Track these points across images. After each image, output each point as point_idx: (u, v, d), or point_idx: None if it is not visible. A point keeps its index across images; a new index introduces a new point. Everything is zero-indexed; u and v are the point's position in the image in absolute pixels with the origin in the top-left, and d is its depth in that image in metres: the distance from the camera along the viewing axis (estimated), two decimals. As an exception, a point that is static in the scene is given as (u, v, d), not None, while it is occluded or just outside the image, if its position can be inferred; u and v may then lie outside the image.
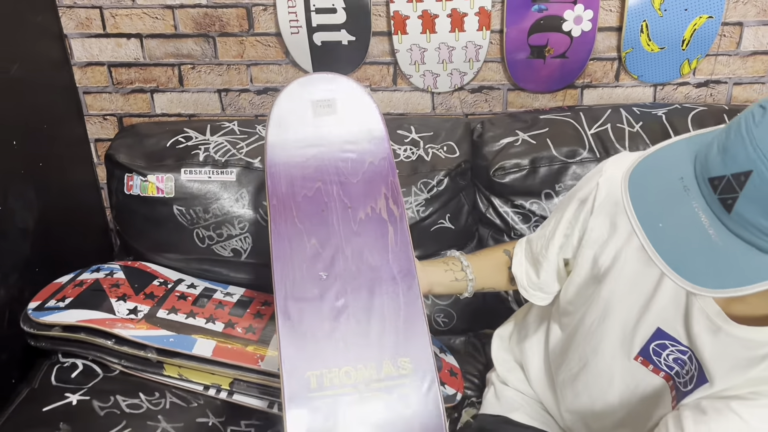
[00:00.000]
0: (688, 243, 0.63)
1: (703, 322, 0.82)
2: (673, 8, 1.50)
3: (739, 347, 0.79)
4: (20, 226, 1.45)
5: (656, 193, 0.66)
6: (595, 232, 0.92)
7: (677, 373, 0.88)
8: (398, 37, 1.56)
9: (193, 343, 1.21)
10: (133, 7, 1.59)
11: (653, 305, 0.87)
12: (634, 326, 0.90)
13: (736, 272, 0.61)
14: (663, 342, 0.88)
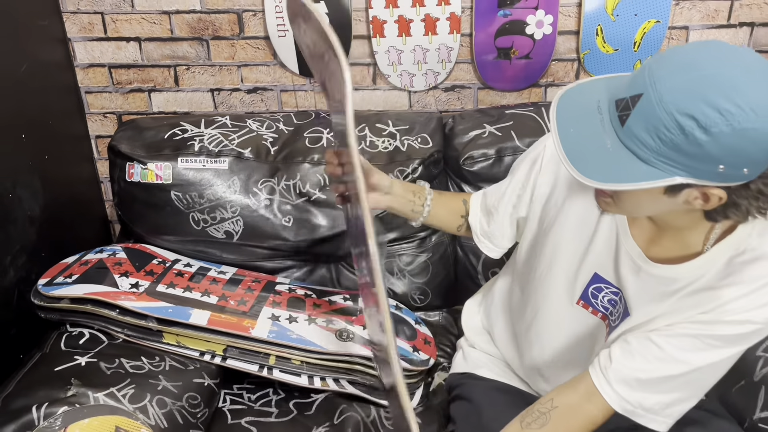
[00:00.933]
0: (588, 147, 0.80)
1: (628, 264, 0.97)
2: (624, 13, 1.65)
3: (656, 283, 0.93)
4: (28, 213, 1.56)
5: (576, 110, 0.82)
6: (542, 188, 1.07)
7: (611, 312, 1.03)
8: (377, 40, 1.70)
9: (189, 314, 1.33)
10: (132, 12, 1.73)
11: (590, 252, 1.02)
12: (576, 272, 1.05)
13: (618, 173, 0.78)
14: (599, 285, 1.03)
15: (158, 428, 1.14)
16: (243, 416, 1.31)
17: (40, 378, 1.19)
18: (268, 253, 1.56)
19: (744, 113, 0.71)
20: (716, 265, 0.90)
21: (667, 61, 0.76)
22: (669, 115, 0.73)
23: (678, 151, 0.74)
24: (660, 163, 0.76)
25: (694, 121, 0.72)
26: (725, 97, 0.71)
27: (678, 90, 0.73)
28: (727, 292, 0.88)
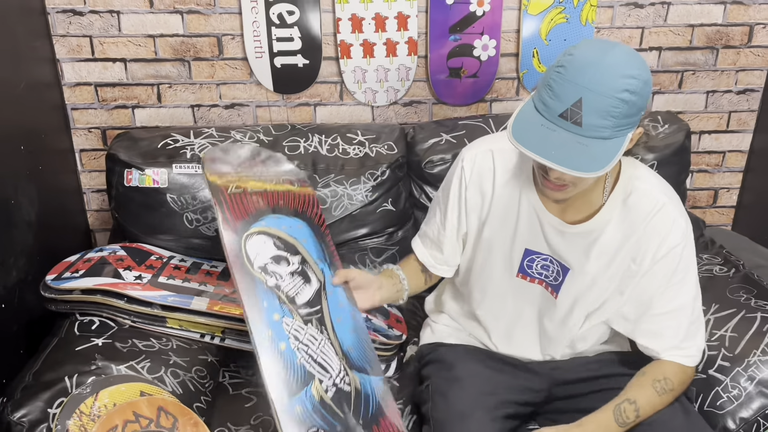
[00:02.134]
0: (572, 154, 1.03)
1: (552, 233, 1.25)
2: (556, 39, 1.94)
3: (580, 240, 1.23)
4: (26, 218, 1.69)
5: (531, 137, 1.06)
6: (471, 200, 1.32)
7: (545, 276, 1.30)
8: (344, 61, 1.93)
9: (190, 300, 1.49)
10: (119, 36, 1.89)
11: (517, 234, 1.29)
12: (510, 253, 1.31)
13: (603, 157, 1.03)
14: (531, 257, 1.30)
15: (175, 394, 1.30)
16: (242, 388, 1.48)
17: (64, 356, 1.33)
18: (254, 249, 1.74)
19: (640, 71, 1.04)
20: (616, 209, 1.21)
21: (576, 69, 1.03)
22: (611, 98, 1.01)
23: (625, 117, 1.03)
24: (618, 132, 1.04)
25: (626, 92, 1.02)
26: (629, 67, 1.03)
27: (603, 80, 1.02)
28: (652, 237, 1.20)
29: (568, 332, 1.34)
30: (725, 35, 2.02)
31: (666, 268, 1.22)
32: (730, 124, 2.14)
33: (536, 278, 1.32)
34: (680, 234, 1.21)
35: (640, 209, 1.21)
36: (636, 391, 1.23)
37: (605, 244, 1.23)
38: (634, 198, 1.22)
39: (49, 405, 1.21)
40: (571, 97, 1.02)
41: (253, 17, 1.86)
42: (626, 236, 1.22)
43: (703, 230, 1.86)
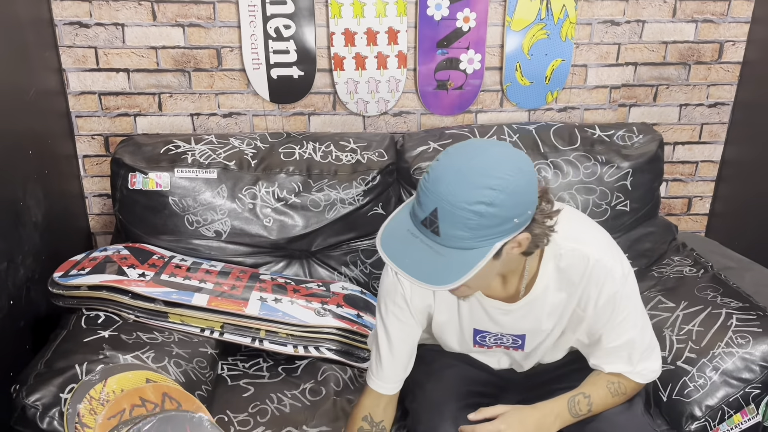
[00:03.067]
0: (427, 265, 1.02)
1: (498, 314, 1.29)
2: (537, 53, 2.06)
3: (524, 312, 1.28)
4: (33, 219, 1.76)
5: (398, 245, 1.05)
6: (418, 305, 1.31)
7: (502, 343, 1.36)
8: (337, 73, 2.03)
9: (191, 296, 1.58)
10: (123, 47, 1.99)
11: (462, 318, 1.33)
12: (461, 332, 1.36)
13: (460, 268, 1.01)
14: (481, 334, 1.35)
15: (178, 382, 1.38)
16: (240, 379, 1.57)
17: (73, 347, 1.41)
18: (251, 249, 1.83)
19: (504, 180, 1.00)
20: (551, 275, 1.23)
21: (435, 178, 1.01)
22: (463, 210, 0.98)
23: (485, 228, 1.00)
24: (479, 243, 1.01)
25: (481, 205, 0.98)
26: (487, 176, 0.99)
27: (458, 192, 0.99)
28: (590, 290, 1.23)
29: (536, 359, 1.43)
30: (697, 52, 2.15)
31: (608, 312, 1.24)
32: (702, 135, 2.26)
33: (493, 345, 1.37)
34: (616, 280, 1.22)
35: (573, 270, 1.22)
36: (591, 387, 1.30)
37: (552, 306, 1.27)
38: (565, 261, 1.21)
39: (60, 390, 1.28)
40: (430, 206, 1.00)
41: (251, 31, 1.96)
42: (570, 294, 1.25)
43: (675, 235, 1.97)
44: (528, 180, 1.04)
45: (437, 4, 1.97)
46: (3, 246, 1.59)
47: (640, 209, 1.92)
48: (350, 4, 1.95)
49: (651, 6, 2.07)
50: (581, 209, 1.87)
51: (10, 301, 1.61)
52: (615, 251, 1.26)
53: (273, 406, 1.47)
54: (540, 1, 1.99)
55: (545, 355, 1.42)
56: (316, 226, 1.83)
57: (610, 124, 2.02)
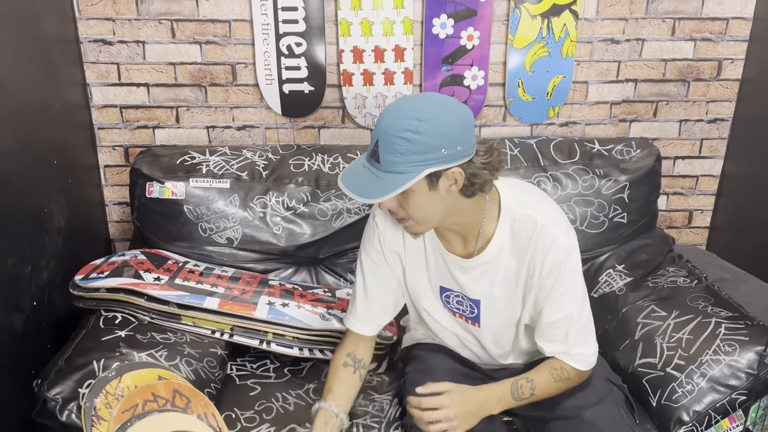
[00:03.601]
0: (369, 185, 1.21)
1: (457, 270, 1.40)
2: (539, 70, 2.13)
3: (479, 272, 1.39)
4: (56, 226, 1.87)
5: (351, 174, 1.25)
6: (387, 244, 1.45)
7: (462, 311, 1.46)
8: (346, 88, 2.12)
9: (203, 300, 1.67)
10: (143, 63, 2.10)
11: (430, 273, 1.45)
12: (430, 289, 1.47)
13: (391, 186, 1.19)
14: (447, 293, 1.46)
15: (189, 380, 1.47)
16: (248, 379, 1.65)
17: (91, 345, 1.50)
18: (260, 256, 1.92)
19: (430, 114, 1.18)
20: (505, 238, 1.35)
21: (380, 117, 1.22)
22: (394, 137, 1.17)
23: (413, 154, 1.17)
24: (410, 168, 1.18)
25: (408, 132, 1.17)
26: (415, 110, 1.19)
27: (391, 123, 1.19)
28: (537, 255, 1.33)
29: (506, 348, 1.51)
30: (696, 69, 2.21)
31: (550, 282, 1.34)
32: (702, 150, 2.32)
33: (456, 312, 1.48)
34: (561, 249, 1.32)
35: (524, 235, 1.34)
36: (535, 373, 1.40)
37: (505, 271, 1.38)
38: (518, 225, 1.34)
39: (79, 385, 1.37)
40: (374, 140, 1.22)
41: (264, 48, 2.06)
42: (520, 260, 1.36)
43: (672, 246, 2.03)
44: (455, 118, 1.21)
45: (442, 23, 2.05)
46: (28, 251, 1.69)
47: (638, 221, 1.98)
48: (359, 23, 2.04)
49: (650, 25, 2.14)
50: (579, 221, 1.94)
51: (33, 303, 1.71)
52: (564, 224, 1.36)
53: (278, 404, 1.55)
54: (541, 20, 2.07)
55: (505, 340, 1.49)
56: (323, 234, 1.91)
57: (609, 139, 2.08)
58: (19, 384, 1.57)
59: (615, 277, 1.90)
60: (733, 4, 2.13)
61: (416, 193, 1.22)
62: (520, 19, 2.07)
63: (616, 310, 1.78)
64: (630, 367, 1.62)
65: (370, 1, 2.02)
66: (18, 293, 1.65)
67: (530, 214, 1.34)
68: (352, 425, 1.47)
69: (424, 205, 1.25)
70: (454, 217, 1.32)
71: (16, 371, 1.58)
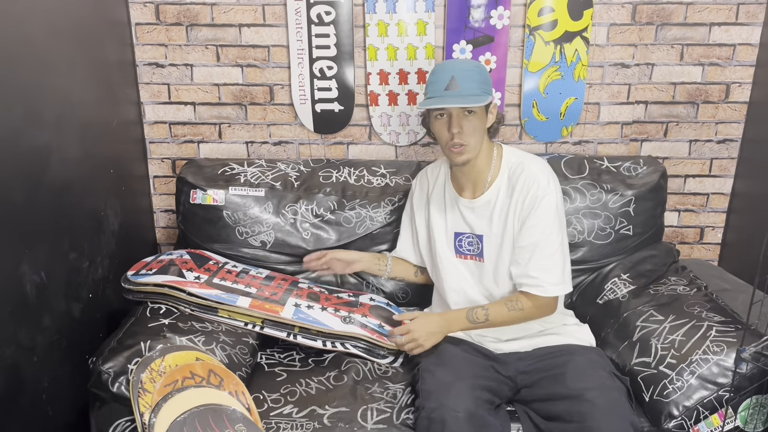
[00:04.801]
0: (459, 100, 1.63)
1: (467, 211, 1.78)
2: (552, 92, 2.29)
3: (482, 210, 1.77)
4: (111, 228, 2.09)
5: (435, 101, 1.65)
6: (419, 202, 1.91)
7: (472, 250, 1.76)
8: (373, 108, 2.31)
9: (236, 300, 1.85)
10: (191, 84, 2.33)
11: (447, 220, 1.82)
12: (445, 237, 1.79)
13: (477, 100, 1.62)
14: (460, 238, 1.81)
15: (223, 362, 1.65)
16: (276, 367, 1.83)
17: (139, 330, 1.70)
18: (290, 258, 2.11)
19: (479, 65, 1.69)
20: (503, 182, 1.73)
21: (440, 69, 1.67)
22: (468, 70, 1.63)
23: (482, 83, 1.63)
24: (483, 93, 1.63)
25: (476, 67, 1.66)
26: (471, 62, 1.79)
27: (459, 64, 1.72)
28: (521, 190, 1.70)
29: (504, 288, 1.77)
30: (704, 92, 2.33)
31: (526, 213, 1.68)
32: (712, 169, 2.43)
33: (467, 254, 1.80)
34: (540, 187, 1.67)
35: (515, 176, 1.71)
36: (491, 305, 1.74)
37: (499, 210, 1.72)
38: (512, 171, 1.73)
39: (128, 361, 1.57)
40: (446, 77, 1.62)
41: (299, 71, 2.27)
42: (511, 198, 1.70)
43: (676, 258, 2.14)
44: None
45: (461, 48, 2.23)
46: (87, 248, 1.92)
47: (643, 234, 2.10)
48: (385, 49, 2.23)
49: (659, 50, 2.28)
50: (587, 232, 2.07)
51: (89, 294, 1.92)
52: (547, 171, 1.73)
53: (301, 389, 1.72)
54: (554, 46, 2.23)
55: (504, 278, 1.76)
56: (348, 240, 2.09)
57: (618, 157, 2.22)
58: (76, 365, 1.78)
59: (620, 285, 2.02)
60: (740, 31, 2.26)
61: (478, 116, 1.65)
62: (534, 45, 2.23)
63: (618, 315, 1.90)
64: (627, 366, 1.74)
65: (396, 29, 2.21)
66: (77, 285, 1.86)
67: (522, 162, 1.73)
68: (366, 409, 1.63)
69: (479, 129, 1.66)
70: (480, 156, 1.71)
71: (74, 353, 1.80)
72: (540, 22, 2.21)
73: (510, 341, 1.76)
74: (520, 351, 1.73)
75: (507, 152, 1.78)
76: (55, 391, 1.71)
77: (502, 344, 1.76)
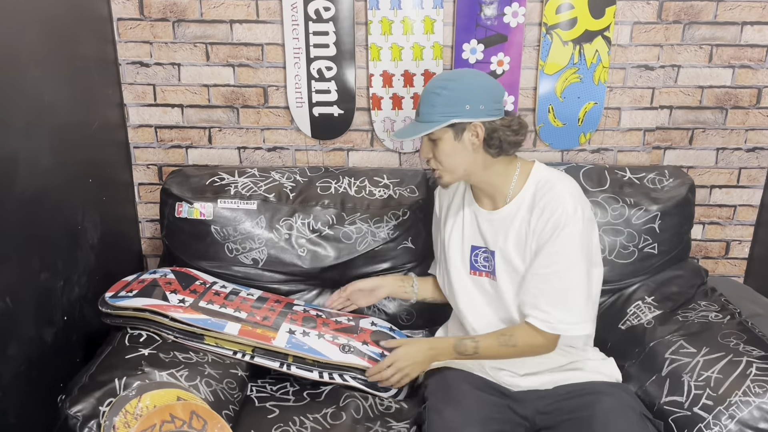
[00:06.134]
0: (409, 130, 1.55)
1: (484, 223, 1.62)
2: (570, 96, 2.11)
3: (500, 224, 1.59)
4: (89, 242, 1.92)
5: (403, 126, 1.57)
6: (441, 216, 1.75)
7: (486, 267, 1.64)
8: (375, 112, 2.13)
9: (224, 326, 1.67)
10: (178, 85, 2.15)
11: (465, 233, 1.66)
12: (461, 252, 1.63)
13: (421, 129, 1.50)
14: (476, 252, 1.65)
15: (207, 401, 1.48)
16: (267, 401, 1.65)
17: (115, 362, 1.53)
18: (285, 277, 1.94)
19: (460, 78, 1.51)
20: (527, 197, 1.55)
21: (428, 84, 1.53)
22: (429, 93, 1.49)
23: (443, 105, 1.47)
24: (440, 117, 1.47)
25: (439, 88, 1.48)
26: (450, 74, 1.58)
27: (429, 85, 1.52)
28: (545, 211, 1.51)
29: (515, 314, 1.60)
30: (734, 96, 2.15)
31: (547, 238, 1.49)
32: (740, 179, 2.25)
33: (482, 271, 1.65)
34: (568, 212, 1.48)
35: (541, 193, 1.53)
36: (482, 336, 1.59)
37: (518, 225, 1.55)
38: (539, 187, 1.54)
39: (100, 403, 1.40)
40: (421, 99, 1.52)
41: (295, 71, 2.09)
42: (532, 215, 1.52)
43: (705, 279, 1.97)
44: (481, 84, 1.50)
45: (472, 48, 2.05)
46: (61, 266, 1.74)
47: (669, 252, 1.93)
48: (389, 48, 2.05)
49: (686, 51, 2.10)
50: (608, 250, 1.90)
51: (64, 317, 1.76)
52: (578, 196, 1.54)
53: (295, 428, 1.55)
54: (573, 46, 2.05)
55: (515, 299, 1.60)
56: (348, 257, 1.92)
57: (641, 167, 2.05)
58: (48, 395, 1.60)
59: (644, 309, 1.85)
60: (774, 30, 2.08)
61: (444, 140, 1.50)
62: (551, 45, 2.05)
63: (644, 344, 1.73)
64: (656, 404, 1.58)
65: (401, 26, 2.03)
66: (49, 307, 1.69)
67: (552, 180, 1.54)
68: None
69: (450, 153, 1.51)
70: (484, 174, 1.56)
71: (46, 383, 1.63)
72: (558, 20, 2.03)
73: (528, 376, 1.59)
74: (540, 389, 1.56)
75: (537, 168, 1.59)
76: (24, 428, 1.55)
77: (520, 379, 1.59)
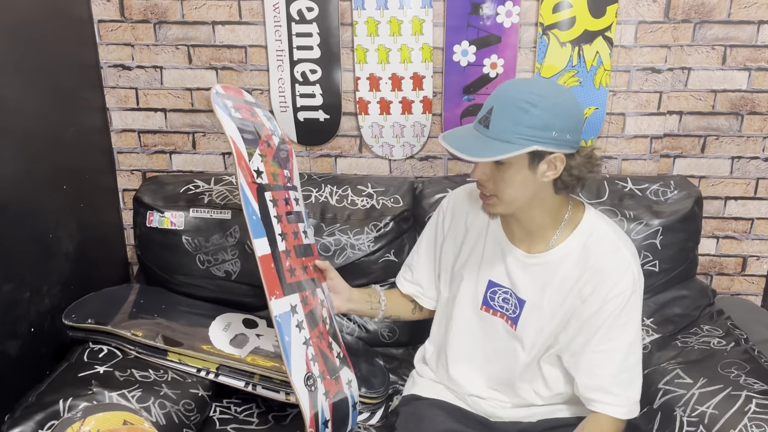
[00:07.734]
0: (473, 145, 1.19)
1: (514, 264, 1.33)
2: (569, 101, 1.97)
3: (537, 271, 1.31)
4: (64, 251, 1.87)
5: (455, 135, 1.24)
6: (456, 215, 1.46)
7: (506, 309, 1.37)
8: (362, 116, 2.03)
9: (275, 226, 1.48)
10: (161, 88, 2.08)
11: (483, 264, 1.38)
12: (476, 285, 1.40)
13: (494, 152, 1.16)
14: (494, 289, 1.38)
15: (158, 425, 1.41)
16: (229, 424, 1.57)
17: (66, 380, 1.46)
18: (259, 291, 1.84)
19: (550, 93, 1.17)
20: (575, 246, 1.29)
21: (499, 88, 1.22)
22: (512, 105, 1.16)
23: (526, 126, 1.15)
24: (520, 139, 1.15)
25: (527, 103, 1.15)
26: (538, 87, 1.19)
27: (512, 92, 1.19)
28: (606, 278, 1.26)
29: (530, 371, 1.39)
30: (750, 101, 1.99)
31: (612, 309, 1.27)
32: (758, 190, 2.08)
33: (498, 311, 1.40)
34: (632, 280, 1.27)
35: (596, 250, 1.28)
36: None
37: (560, 280, 1.30)
38: (594, 240, 1.29)
39: (40, 426, 1.33)
40: (488, 106, 1.19)
41: (279, 75, 2.00)
42: (581, 274, 1.28)
43: (711, 300, 1.81)
44: (572, 107, 1.19)
45: (464, 50, 1.93)
46: (28, 277, 1.69)
47: (671, 270, 1.78)
48: (375, 50, 1.95)
49: (697, 53, 1.94)
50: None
51: (31, 329, 1.70)
52: (638, 262, 1.31)
53: (254, 455, 1.47)
54: (572, 48, 1.91)
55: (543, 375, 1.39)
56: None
57: (644, 177, 1.90)
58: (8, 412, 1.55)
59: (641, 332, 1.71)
60: (795, 30, 1.91)
61: (515, 167, 1.20)
62: (548, 47, 1.92)
63: (638, 372, 1.59)
64: (646, 439, 1.44)
65: (387, 27, 1.93)
66: (13, 320, 1.64)
67: (611, 236, 1.30)
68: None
69: (517, 184, 1.22)
70: (536, 210, 1.28)
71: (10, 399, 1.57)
72: (555, 20, 1.90)
73: (516, 408, 1.46)
74: (523, 421, 1.43)
75: (590, 213, 1.33)
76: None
77: (503, 411, 1.46)
